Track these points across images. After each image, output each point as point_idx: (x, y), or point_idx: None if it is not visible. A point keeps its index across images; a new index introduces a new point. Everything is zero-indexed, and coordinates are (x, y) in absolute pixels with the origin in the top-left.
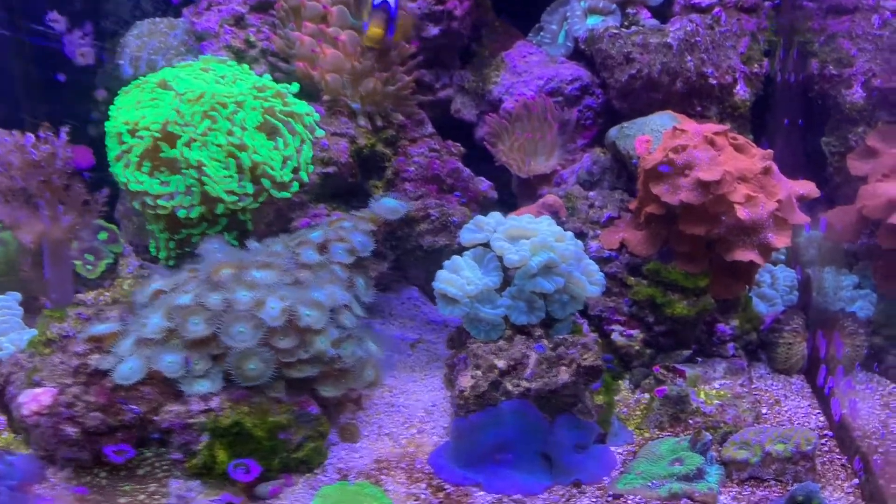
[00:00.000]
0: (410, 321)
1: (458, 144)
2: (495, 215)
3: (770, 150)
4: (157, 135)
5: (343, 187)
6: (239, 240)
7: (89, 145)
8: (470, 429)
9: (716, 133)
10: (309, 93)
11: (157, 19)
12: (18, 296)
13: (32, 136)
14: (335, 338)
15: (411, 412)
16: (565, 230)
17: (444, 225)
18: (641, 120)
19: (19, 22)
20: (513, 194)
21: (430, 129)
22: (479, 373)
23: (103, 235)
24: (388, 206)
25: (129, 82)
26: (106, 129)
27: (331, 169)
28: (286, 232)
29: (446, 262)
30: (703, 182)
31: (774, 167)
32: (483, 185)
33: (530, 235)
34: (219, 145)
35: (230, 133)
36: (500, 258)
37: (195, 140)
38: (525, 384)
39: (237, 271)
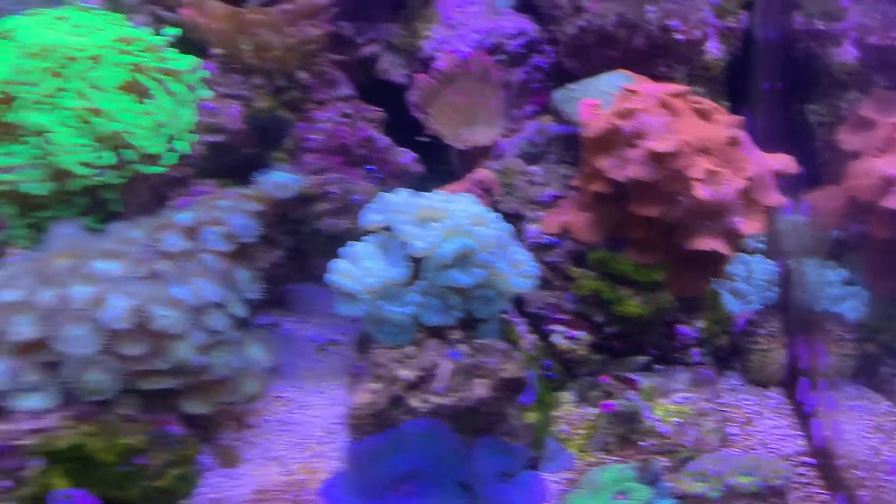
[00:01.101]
0: (332, 319)
1: (379, 109)
2: (403, 192)
3: (741, 118)
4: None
5: (237, 160)
6: (106, 223)
7: None
8: (367, 455)
9: (673, 95)
10: (201, 48)
11: None
12: None
13: None
14: (202, 343)
15: (308, 431)
16: (498, 211)
17: (347, 205)
18: (589, 80)
19: None
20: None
21: (344, 90)
22: (378, 386)
23: None
24: (276, 181)
25: None
26: None
27: (219, 137)
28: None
29: (343, 250)
30: (656, 154)
31: (744, 137)
32: (404, 157)
33: (442, 217)
34: (69, 108)
35: (82, 95)
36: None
37: (39, 102)
38: (435, 400)
39: (75, 261)
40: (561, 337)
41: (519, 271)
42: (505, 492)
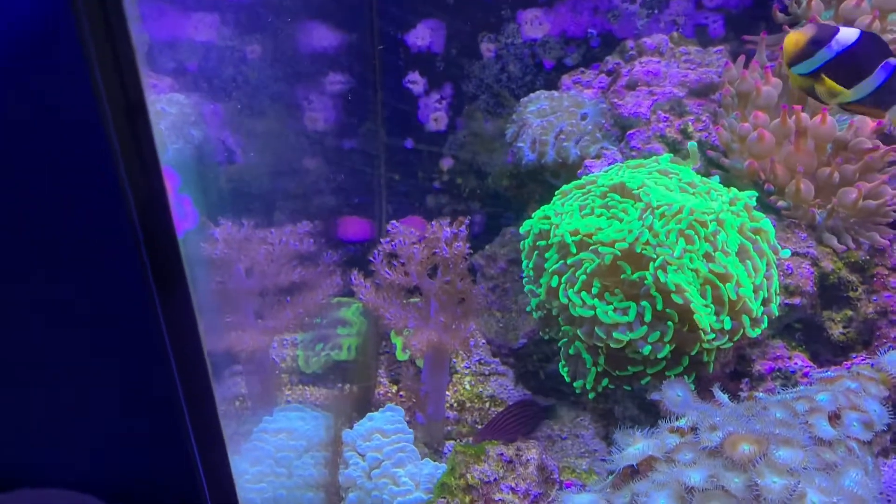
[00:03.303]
0: None
1: None
2: None
3: None
4: (618, 253)
5: (799, 320)
6: (696, 384)
7: (425, 217)
8: None
9: None
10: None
11: (556, 94)
12: (402, 411)
13: (449, 229)
14: None
15: None
16: None
17: None
18: None
19: (378, 80)
20: None
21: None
22: None
23: None
24: None
25: (533, 169)
26: (528, 229)
27: (797, 300)
28: (740, 377)
29: None
30: None
31: None
32: None
33: None
34: (694, 270)
35: (708, 258)
36: None
37: (670, 264)
38: None
39: (759, 447)
40: None
41: None
42: None
